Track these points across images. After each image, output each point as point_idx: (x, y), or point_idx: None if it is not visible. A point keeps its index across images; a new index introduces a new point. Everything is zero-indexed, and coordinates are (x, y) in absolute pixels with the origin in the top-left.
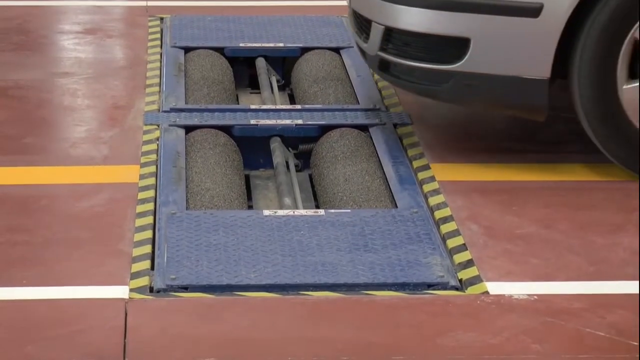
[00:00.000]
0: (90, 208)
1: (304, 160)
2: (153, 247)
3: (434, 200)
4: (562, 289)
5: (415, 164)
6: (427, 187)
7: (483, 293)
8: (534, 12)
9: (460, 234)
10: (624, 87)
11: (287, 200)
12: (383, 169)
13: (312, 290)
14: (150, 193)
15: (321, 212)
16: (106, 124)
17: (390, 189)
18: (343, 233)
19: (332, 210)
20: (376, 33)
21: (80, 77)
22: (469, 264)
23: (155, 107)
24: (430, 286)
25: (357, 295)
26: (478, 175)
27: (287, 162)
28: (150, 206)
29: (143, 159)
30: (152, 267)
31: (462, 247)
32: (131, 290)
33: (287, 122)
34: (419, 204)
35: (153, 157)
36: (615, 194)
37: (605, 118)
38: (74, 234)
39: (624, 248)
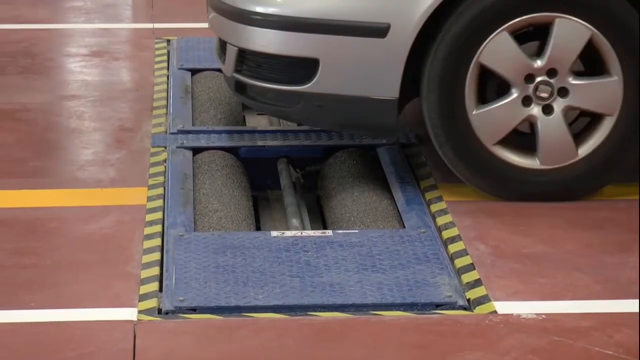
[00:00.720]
0: (98, 230)
1: (312, 181)
2: (161, 269)
3: (441, 220)
4: (569, 308)
5: (423, 184)
6: (434, 207)
7: (491, 312)
8: (381, 32)
9: (468, 254)
10: (474, 112)
11: (295, 221)
12: (390, 189)
13: (320, 311)
14: (158, 215)
15: (329, 232)
16: (113, 146)
17: (397, 209)
18: (351, 253)
19: (340, 231)
20: (231, 54)
21: (87, 99)
22: (476, 283)
23: (162, 129)
24: (438, 306)
25: (366, 316)
26: (485, 195)
27: (294, 183)
28: (158, 228)
29: (150, 181)
30: (161, 289)
31: (470, 267)
32: (139, 312)
33: (295, 143)
34: (426, 224)
35: (160, 179)
36: (621, 213)
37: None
38: (82, 257)
39: (631, 267)
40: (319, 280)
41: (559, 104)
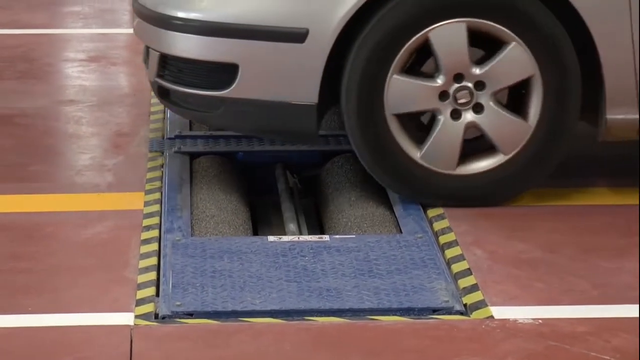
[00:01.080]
0: (95, 235)
1: (309, 187)
2: (158, 274)
3: (438, 225)
4: (566, 313)
5: None
6: (431, 212)
7: (488, 317)
8: (300, 37)
9: (464, 259)
10: (419, 155)
11: (292, 227)
12: (387, 195)
13: (317, 316)
14: (155, 220)
15: (326, 237)
16: (111, 151)
17: (394, 214)
18: (348, 258)
19: (337, 236)
20: (153, 60)
21: (84, 104)
22: (473, 288)
23: (159, 134)
24: (435, 311)
25: (363, 321)
26: None
27: (291, 189)
28: (155, 233)
29: (148, 186)
30: (157, 294)
31: (467, 272)
32: (136, 316)
33: (292, 148)
34: (423, 229)
35: (158, 184)
36: (619, 218)
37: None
38: (79, 261)
39: (628, 272)
40: (316, 285)
41: (483, 97)
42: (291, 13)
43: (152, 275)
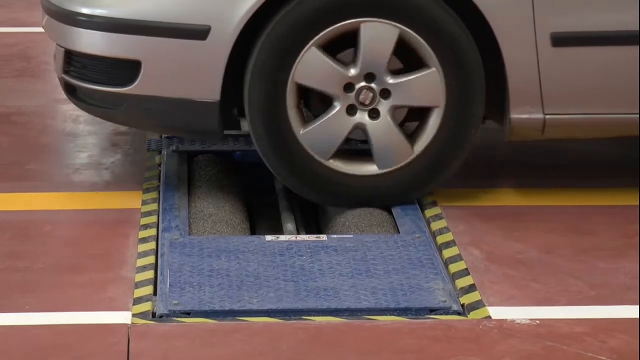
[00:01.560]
0: (92, 234)
1: None
2: (155, 273)
3: (436, 226)
4: (563, 314)
5: None
6: (429, 212)
7: (485, 318)
8: (201, 34)
9: (462, 259)
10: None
11: (290, 226)
12: None
13: (314, 315)
14: (153, 219)
15: (323, 237)
16: (108, 150)
17: (392, 214)
18: (345, 258)
19: (335, 236)
20: (59, 56)
21: None
22: (471, 288)
23: (157, 133)
24: (432, 311)
25: (360, 320)
26: (480, 200)
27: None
28: (152, 232)
29: (145, 185)
30: (155, 293)
31: (464, 272)
32: (134, 315)
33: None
34: (421, 229)
35: (155, 182)
36: (617, 219)
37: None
38: (76, 260)
39: (625, 273)
40: (313, 285)
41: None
42: (193, 10)
43: (150, 274)
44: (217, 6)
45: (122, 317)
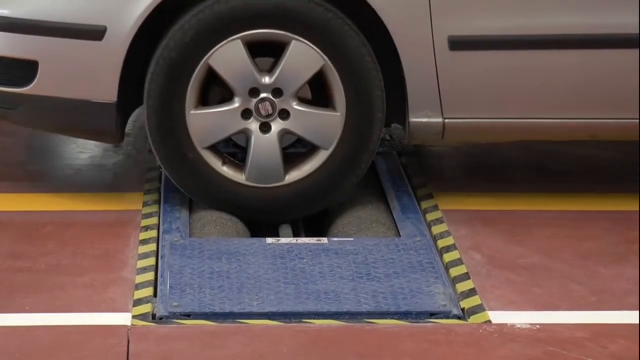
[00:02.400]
0: (93, 235)
1: None
2: (156, 275)
3: (437, 229)
4: (564, 319)
5: (419, 192)
6: (430, 216)
7: (485, 322)
8: (97, 34)
9: (463, 263)
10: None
11: (286, 229)
12: (386, 197)
13: (314, 318)
14: (154, 220)
15: (324, 240)
16: (110, 151)
17: (393, 217)
18: (346, 261)
19: (335, 239)
20: None
21: None
22: (471, 292)
23: None
24: (432, 315)
25: (360, 324)
26: (481, 204)
27: None
28: (153, 233)
29: (146, 186)
30: (155, 295)
31: (465, 276)
32: (134, 317)
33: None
34: (422, 233)
35: (156, 184)
36: (619, 224)
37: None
38: (76, 261)
39: (627, 278)
40: (314, 288)
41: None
42: (89, 10)
43: (150, 276)
44: (113, 6)
45: (122, 319)
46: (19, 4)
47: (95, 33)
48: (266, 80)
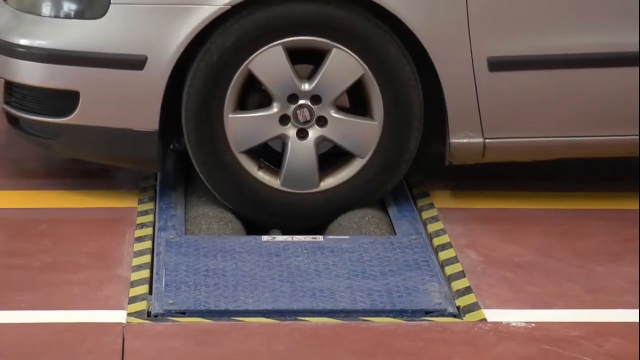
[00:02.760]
0: (89, 232)
1: None
2: (151, 272)
3: (432, 227)
4: (560, 317)
5: (415, 191)
6: (426, 214)
7: (481, 320)
8: (138, 64)
9: (458, 261)
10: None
11: (274, 231)
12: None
13: (310, 316)
14: (149, 218)
15: (320, 238)
16: None
17: (389, 215)
18: (341, 259)
19: (331, 237)
20: (0, 86)
21: None
22: (467, 291)
23: None
24: (428, 313)
25: (355, 322)
26: (477, 202)
27: None
28: (148, 231)
29: (142, 184)
30: (150, 292)
31: (461, 274)
32: (129, 314)
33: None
34: (417, 231)
35: (152, 181)
36: (614, 223)
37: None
38: (72, 259)
39: (622, 277)
40: (309, 286)
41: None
42: (129, 40)
43: (145, 273)
44: (153, 35)
45: (118, 316)
46: (59, 35)
47: (136, 63)
48: (305, 87)
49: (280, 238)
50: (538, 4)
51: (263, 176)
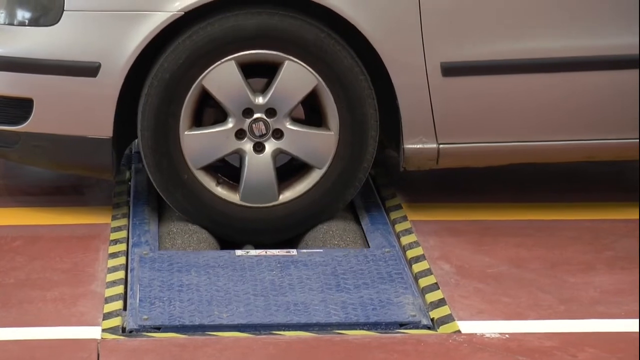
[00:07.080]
0: (62, 249)
1: None
2: (125, 288)
3: (406, 240)
4: (533, 328)
5: (388, 203)
6: (399, 227)
7: (455, 332)
8: (92, 71)
9: (432, 273)
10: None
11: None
12: (355, 209)
13: (284, 330)
14: (123, 233)
15: (293, 251)
16: None
17: (362, 228)
18: (315, 273)
19: (304, 250)
20: None
21: None
22: (440, 303)
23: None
24: (402, 325)
25: (330, 335)
26: (450, 215)
27: None
28: (122, 246)
29: (115, 200)
30: (125, 308)
31: (434, 286)
32: (103, 330)
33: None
34: (391, 244)
35: (125, 197)
36: (586, 233)
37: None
38: (46, 275)
39: (595, 287)
40: (283, 300)
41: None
42: (83, 47)
43: (120, 289)
44: (107, 43)
45: (92, 332)
46: (12, 42)
47: (90, 70)
48: (260, 100)
49: (254, 252)
50: (491, 10)
51: (222, 192)
